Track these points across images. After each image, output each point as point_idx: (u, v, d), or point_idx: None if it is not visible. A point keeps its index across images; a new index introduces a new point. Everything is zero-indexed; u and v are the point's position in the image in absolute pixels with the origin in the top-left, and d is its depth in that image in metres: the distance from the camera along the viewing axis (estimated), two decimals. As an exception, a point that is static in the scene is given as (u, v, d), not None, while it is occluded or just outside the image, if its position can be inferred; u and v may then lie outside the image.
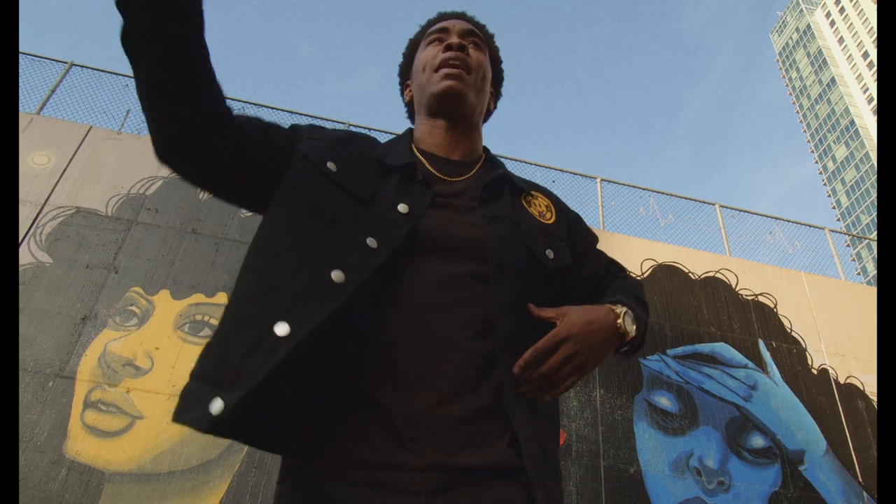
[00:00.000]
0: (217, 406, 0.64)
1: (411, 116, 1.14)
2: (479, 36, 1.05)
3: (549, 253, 0.92)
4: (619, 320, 0.84)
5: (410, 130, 1.07)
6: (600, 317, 0.83)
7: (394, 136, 1.17)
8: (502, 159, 6.12)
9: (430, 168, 0.95)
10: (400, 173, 0.89)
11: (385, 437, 0.71)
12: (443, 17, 1.08)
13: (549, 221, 0.99)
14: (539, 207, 0.99)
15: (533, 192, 1.02)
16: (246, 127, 0.83)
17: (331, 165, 0.86)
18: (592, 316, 0.82)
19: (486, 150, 1.08)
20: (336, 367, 0.77)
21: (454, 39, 1.00)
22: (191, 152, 0.78)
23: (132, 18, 0.67)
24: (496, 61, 1.12)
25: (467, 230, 0.86)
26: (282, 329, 0.69)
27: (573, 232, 1.03)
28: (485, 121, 1.13)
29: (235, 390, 0.65)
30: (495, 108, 1.16)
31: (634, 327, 0.87)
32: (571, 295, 0.98)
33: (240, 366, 0.67)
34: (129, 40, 0.70)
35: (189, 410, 0.66)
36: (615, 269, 1.06)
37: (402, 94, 1.14)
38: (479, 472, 0.71)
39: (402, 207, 0.83)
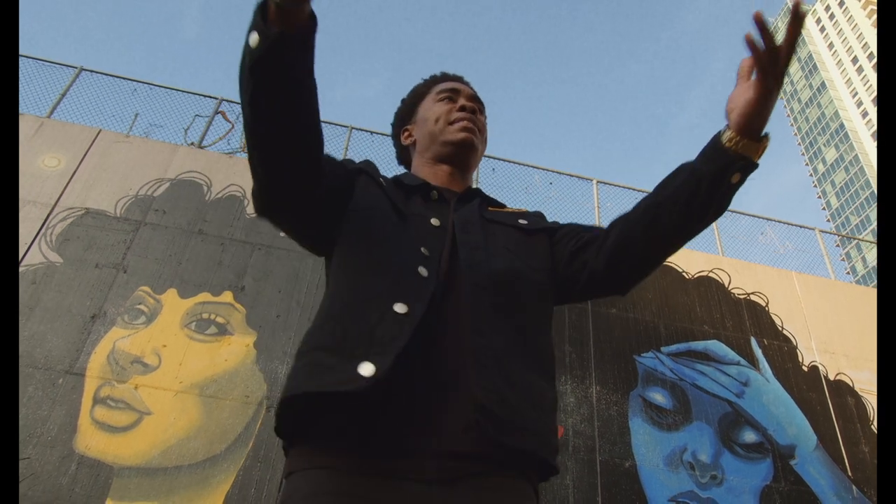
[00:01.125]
0: (368, 369, 0.69)
1: (404, 160, 1.22)
2: (482, 104, 1.17)
3: (521, 220, 1.01)
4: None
5: (408, 173, 1.14)
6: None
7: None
8: (502, 162, 6.14)
9: (443, 190, 1.04)
10: (419, 194, 0.99)
11: (399, 428, 0.72)
12: (447, 77, 1.19)
13: (516, 211, 1.08)
14: (507, 210, 1.08)
15: (506, 206, 1.11)
16: (329, 167, 0.90)
17: (382, 181, 0.97)
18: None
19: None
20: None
21: (466, 102, 1.10)
22: (297, 200, 0.84)
23: (261, 82, 0.71)
24: None
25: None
26: (400, 308, 0.75)
27: (548, 225, 1.08)
28: None
29: (383, 355, 0.70)
30: None
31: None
32: (573, 254, 0.97)
33: (371, 336, 0.73)
34: (255, 101, 0.73)
35: (327, 376, 0.70)
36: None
37: (399, 137, 1.21)
38: (486, 460, 0.72)
39: (435, 221, 0.93)
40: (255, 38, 0.68)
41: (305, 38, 0.71)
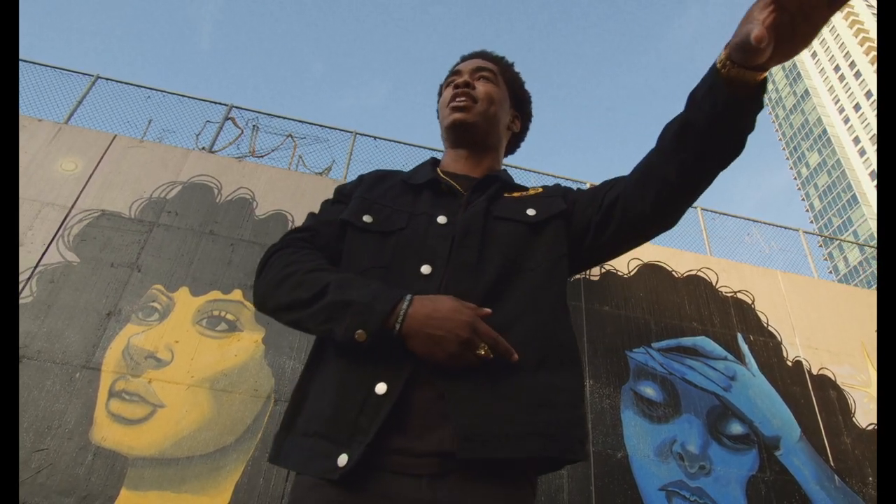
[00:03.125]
0: (343, 461, 0.70)
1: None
2: (489, 70, 1.07)
3: (530, 211, 0.93)
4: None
5: (434, 160, 1.11)
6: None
7: (398, 143, 1.22)
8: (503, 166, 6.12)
9: (452, 182, 0.99)
10: (428, 189, 0.96)
11: (395, 427, 0.73)
12: (461, 59, 1.13)
13: (532, 194, 0.98)
14: (524, 193, 0.99)
15: (526, 187, 1.02)
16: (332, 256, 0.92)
17: (367, 218, 0.91)
18: None
19: (504, 171, 1.09)
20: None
21: (459, 79, 1.05)
22: None
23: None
24: (516, 86, 1.13)
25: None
26: (381, 388, 0.74)
27: (566, 193, 1.00)
28: (514, 143, 1.16)
29: (356, 446, 0.71)
30: (523, 128, 1.16)
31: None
32: (598, 222, 0.90)
33: (355, 425, 0.72)
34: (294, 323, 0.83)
35: (317, 463, 0.73)
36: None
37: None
38: (474, 462, 0.71)
39: (441, 219, 0.89)
40: (362, 335, 0.73)
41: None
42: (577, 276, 5.00)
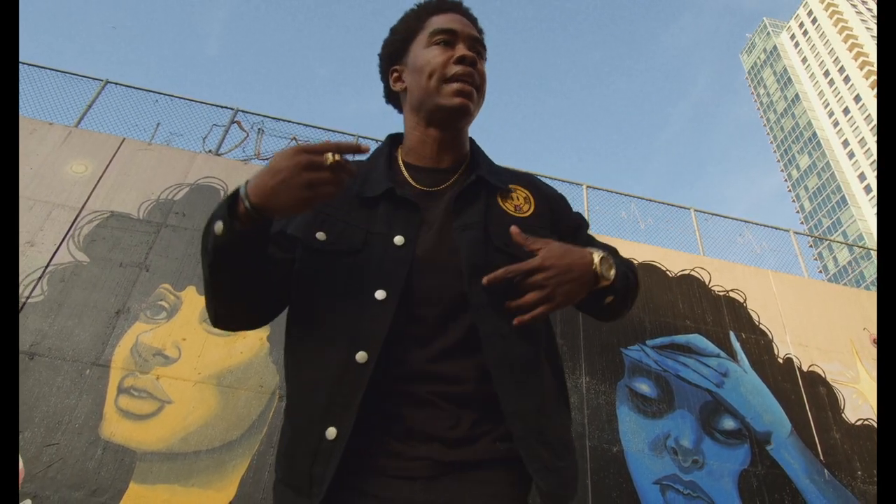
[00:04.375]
0: None
1: (392, 100, 1.01)
2: (483, 45, 0.95)
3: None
4: (596, 262, 0.78)
5: (392, 139, 0.98)
6: (576, 256, 0.77)
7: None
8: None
9: (413, 183, 0.88)
10: (385, 201, 0.84)
11: (390, 435, 0.73)
12: (443, 6, 0.95)
13: (527, 214, 0.91)
14: (517, 201, 0.92)
15: (511, 187, 0.93)
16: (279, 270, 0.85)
17: (320, 235, 0.81)
18: (569, 253, 0.77)
19: (471, 142, 0.99)
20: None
21: (465, 51, 0.88)
22: (249, 322, 0.86)
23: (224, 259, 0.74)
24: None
25: (450, 250, 0.81)
26: (331, 433, 0.71)
27: (556, 214, 0.96)
28: None
29: (313, 496, 0.70)
30: None
31: (613, 272, 0.80)
32: None
33: (311, 475, 0.71)
34: (214, 272, 0.76)
35: None
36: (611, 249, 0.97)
37: (388, 78, 0.98)
38: (464, 464, 0.72)
39: (398, 239, 0.79)
40: (219, 227, 0.71)
41: (262, 231, 0.73)
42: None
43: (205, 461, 3.46)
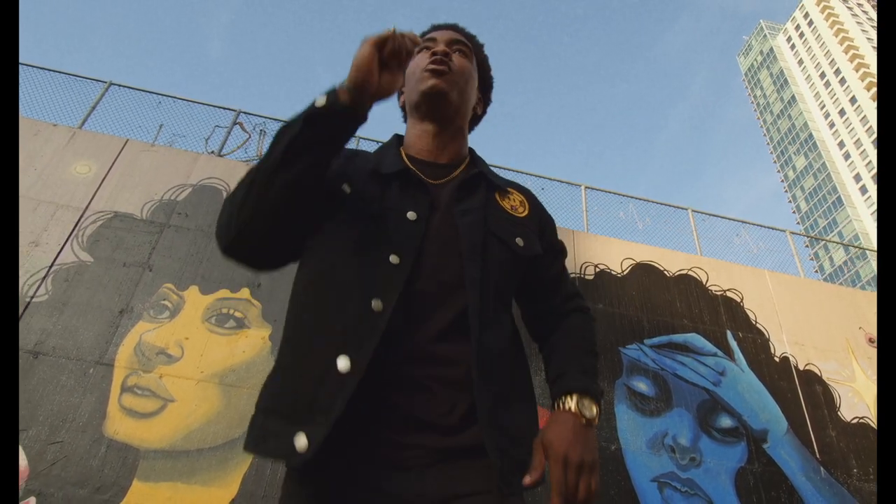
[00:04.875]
0: (302, 443, 0.64)
1: (406, 119, 1.11)
2: (465, 44, 1.02)
3: (519, 241, 0.90)
4: (586, 416, 0.79)
5: (398, 137, 1.05)
6: (574, 432, 0.77)
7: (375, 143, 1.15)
8: (496, 169, 6.12)
9: (419, 174, 0.92)
10: (397, 181, 0.89)
11: (384, 423, 0.73)
12: (434, 28, 1.06)
13: (521, 215, 0.96)
14: (513, 202, 0.97)
15: (508, 189, 0.99)
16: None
17: (345, 188, 0.85)
18: (569, 435, 0.76)
19: (471, 151, 1.05)
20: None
21: (440, 47, 0.97)
22: (264, 249, 0.82)
23: (312, 132, 0.75)
24: (484, 68, 1.08)
25: (452, 231, 0.85)
26: (343, 364, 0.69)
27: (543, 228, 1.00)
28: (473, 125, 1.10)
29: (317, 429, 0.65)
30: (484, 112, 1.11)
31: (595, 408, 0.81)
32: (527, 286, 0.97)
33: (314, 402, 0.67)
34: (295, 145, 0.75)
35: (270, 443, 0.66)
36: (572, 305, 0.99)
37: (398, 98, 1.10)
38: (460, 451, 0.72)
39: (411, 215, 0.84)
40: (322, 99, 0.74)
41: (354, 116, 0.76)
42: (573, 274, 5.00)
43: (207, 459, 3.46)
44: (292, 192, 0.75)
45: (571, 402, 0.80)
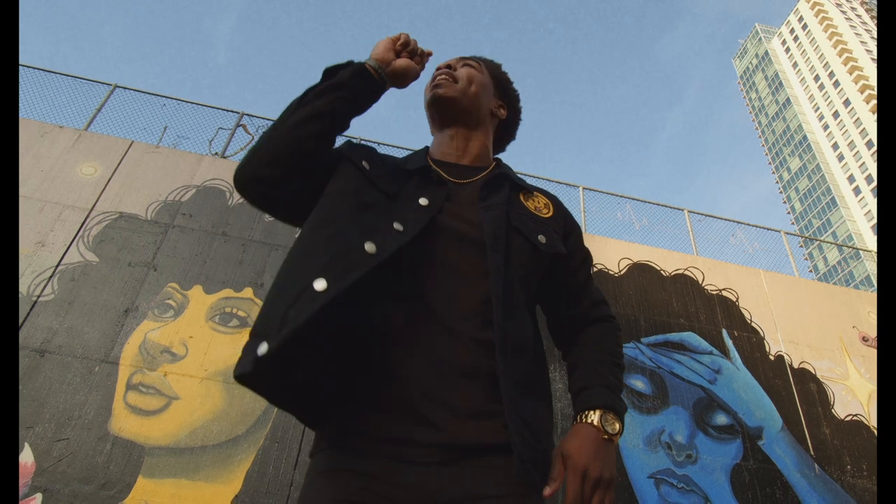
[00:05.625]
0: (263, 349, 0.62)
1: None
2: (474, 60, 1.08)
3: (541, 238, 0.90)
4: (608, 432, 0.80)
5: (426, 147, 1.09)
6: (595, 447, 0.78)
7: (402, 150, 1.20)
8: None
9: (442, 173, 0.96)
10: (418, 175, 0.92)
11: (405, 416, 0.72)
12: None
13: (546, 215, 0.97)
14: (537, 203, 0.98)
15: (534, 192, 1.01)
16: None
17: (365, 164, 0.89)
18: (590, 449, 0.77)
19: (497, 159, 1.08)
20: (364, 343, 0.77)
21: (445, 64, 1.07)
22: (276, 195, 0.84)
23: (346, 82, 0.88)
24: (501, 81, 1.12)
25: (472, 224, 0.86)
26: (320, 284, 0.68)
27: (567, 233, 1.00)
28: (503, 134, 1.14)
29: (277, 336, 0.63)
30: (510, 118, 1.14)
31: (618, 425, 0.81)
32: (552, 291, 0.96)
33: (283, 317, 0.65)
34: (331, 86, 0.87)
35: (241, 361, 0.64)
36: (598, 313, 0.97)
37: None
38: (480, 448, 0.72)
39: (423, 201, 0.86)
40: (353, 65, 0.89)
41: (379, 84, 0.93)
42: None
43: (211, 456, 3.46)
44: (304, 130, 0.81)
45: (594, 417, 0.79)
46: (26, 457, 3.21)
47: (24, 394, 3.39)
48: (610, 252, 5.34)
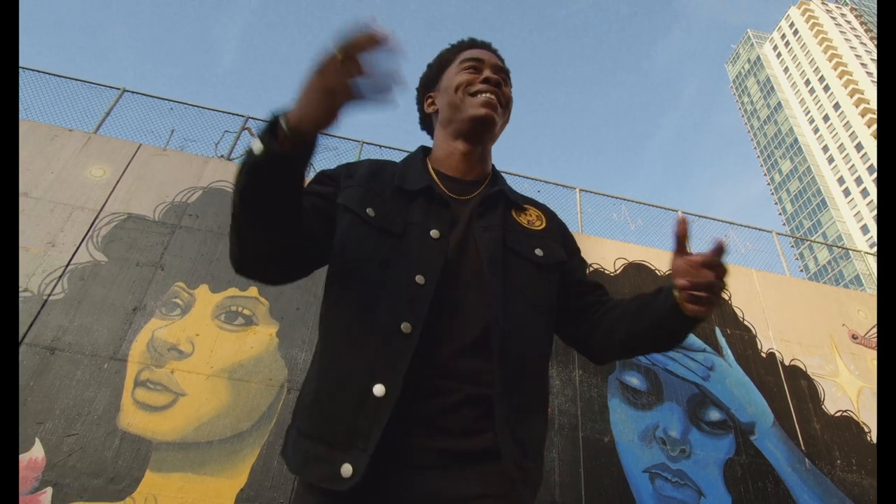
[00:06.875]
0: (347, 470, 0.65)
1: (426, 126, 1.09)
2: (507, 74, 1.02)
3: (538, 252, 0.90)
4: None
5: (424, 149, 1.03)
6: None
7: (402, 150, 1.13)
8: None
9: (444, 190, 0.92)
10: (422, 197, 0.88)
11: (404, 427, 0.72)
12: (475, 44, 1.03)
13: (539, 228, 0.96)
14: (529, 217, 0.97)
15: (525, 206, 0.99)
16: (308, 225, 0.81)
17: (370, 211, 0.84)
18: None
19: (493, 167, 1.05)
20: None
21: (490, 74, 0.95)
22: (270, 269, 0.79)
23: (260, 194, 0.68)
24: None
25: (474, 250, 0.85)
26: (379, 390, 0.69)
27: (564, 237, 1.01)
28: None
29: (356, 452, 0.66)
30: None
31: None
32: (566, 294, 0.95)
33: (353, 428, 0.67)
34: (246, 195, 0.68)
35: (316, 469, 0.67)
36: (604, 294, 1.00)
37: (422, 103, 1.07)
38: (473, 454, 0.72)
39: (434, 233, 0.83)
40: (258, 146, 0.65)
41: (304, 157, 0.67)
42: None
43: (217, 450, 3.46)
44: (268, 218, 0.71)
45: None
46: (37, 452, 3.21)
47: (35, 390, 3.40)
48: (606, 252, 5.34)
